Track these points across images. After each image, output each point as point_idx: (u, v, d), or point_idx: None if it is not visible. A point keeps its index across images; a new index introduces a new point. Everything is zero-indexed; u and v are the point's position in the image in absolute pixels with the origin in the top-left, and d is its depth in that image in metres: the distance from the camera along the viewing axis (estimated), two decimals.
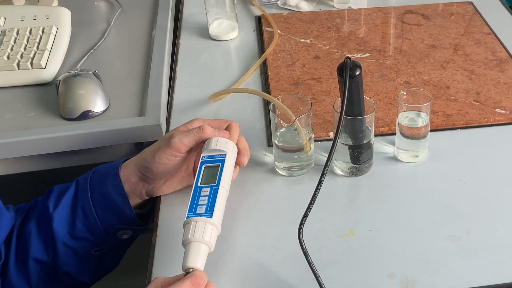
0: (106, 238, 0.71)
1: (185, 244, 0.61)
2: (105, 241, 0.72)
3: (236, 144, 0.72)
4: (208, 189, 0.65)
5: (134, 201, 0.72)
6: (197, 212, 0.63)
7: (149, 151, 0.70)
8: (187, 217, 0.62)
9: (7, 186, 1.03)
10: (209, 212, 0.63)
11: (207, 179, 0.67)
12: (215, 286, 0.59)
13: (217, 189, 0.65)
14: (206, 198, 0.64)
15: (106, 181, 0.71)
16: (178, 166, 0.71)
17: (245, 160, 0.73)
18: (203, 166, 0.68)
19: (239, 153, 0.72)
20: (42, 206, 0.71)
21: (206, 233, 0.61)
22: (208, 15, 1.07)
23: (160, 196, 0.75)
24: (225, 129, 0.73)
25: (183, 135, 0.69)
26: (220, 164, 0.68)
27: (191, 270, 0.59)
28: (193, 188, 0.66)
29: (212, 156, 0.69)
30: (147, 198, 0.73)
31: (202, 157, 0.69)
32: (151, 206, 0.75)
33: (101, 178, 0.72)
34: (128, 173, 0.71)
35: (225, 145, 0.70)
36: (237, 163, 0.72)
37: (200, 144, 0.71)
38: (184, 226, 0.62)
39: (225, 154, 0.69)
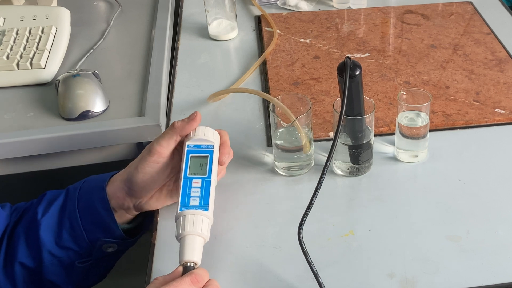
0: (91, 250, 0.70)
1: (181, 237, 0.60)
2: (91, 253, 0.71)
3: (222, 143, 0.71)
4: (200, 181, 0.64)
5: (122, 216, 0.71)
6: (191, 204, 0.62)
7: (133, 164, 0.69)
8: (181, 209, 0.62)
9: (7, 186, 1.03)
10: (204, 205, 0.62)
11: (195, 169, 0.65)
12: (218, 283, 0.59)
13: (209, 181, 0.64)
14: (199, 190, 0.63)
15: (93, 193, 0.70)
16: (163, 175, 0.69)
17: (226, 159, 0.70)
18: (190, 156, 0.67)
19: (221, 149, 0.70)
20: (33, 211, 0.71)
21: (203, 226, 0.61)
22: (207, 15, 1.07)
23: None
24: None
25: (159, 137, 0.68)
26: (209, 155, 0.67)
27: (189, 264, 0.59)
28: (182, 178, 0.64)
29: (199, 146, 0.68)
30: (137, 213, 0.72)
31: (188, 145, 0.67)
32: (139, 221, 0.74)
33: (89, 189, 0.71)
34: (114, 189, 0.69)
35: (212, 136, 0.69)
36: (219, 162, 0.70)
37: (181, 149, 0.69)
38: (177, 218, 0.62)
39: (213, 145, 0.68)
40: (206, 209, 0.62)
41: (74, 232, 0.69)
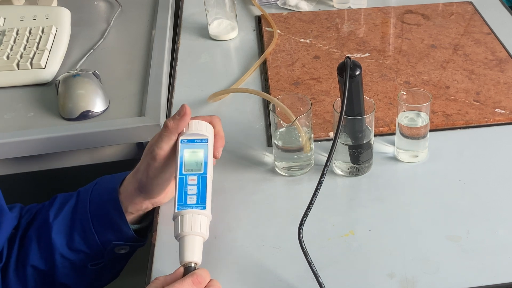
0: (103, 252, 0.70)
1: (180, 237, 0.60)
2: (103, 255, 0.71)
3: (215, 134, 0.70)
4: (195, 178, 0.63)
5: (137, 215, 0.71)
6: (188, 202, 0.61)
7: (141, 172, 0.68)
8: (178, 209, 0.61)
9: (7, 186, 1.03)
10: (201, 203, 0.61)
11: (190, 165, 0.64)
12: (219, 284, 0.59)
13: (205, 177, 0.63)
14: (195, 187, 0.62)
15: (104, 195, 0.70)
16: (173, 169, 0.68)
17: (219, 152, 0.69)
18: (184, 151, 0.65)
19: (214, 142, 0.69)
20: (44, 214, 0.71)
21: (202, 226, 0.60)
22: (207, 15, 1.07)
23: None
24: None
25: (158, 141, 0.67)
26: (204, 150, 0.65)
27: (189, 264, 0.59)
28: (177, 176, 0.63)
29: (193, 141, 0.66)
30: (152, 207, 0.73)
31: (181, 140, 0.66)
32: (150, 219, 0.74)
33: (100, 191, 0.71)
34: (130, 197, 0.69)
35: (206, 129, 0.68)
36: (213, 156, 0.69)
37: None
38: (175, 218, 0.61)
39: (207, 139, 0.67)
40: (204, 207, 0.61)
41: (86, 235, 0.69)
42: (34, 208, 0.74)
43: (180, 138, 0.66)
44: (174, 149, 0.67)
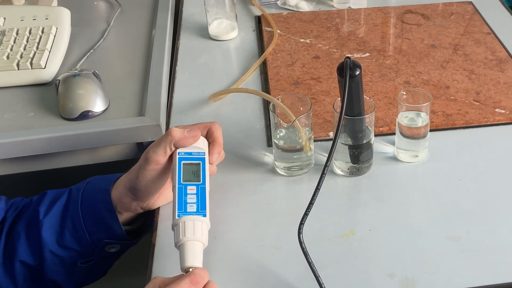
0: (94, 250, 0.70)
1: (182, 243, 0.60)
2: (93, 253, 0.71)
3: (213, 141, 0.71)
4: (194, 187, 0.64)
5: (127, 215, 0.71)
6: (188, 210, 0.62)
7: (134, 171, 0.69)
8: (179, 216, 0.61)
9: (7, 186, 1.03)
10: (201, 211, 0.62)
11: (188, 176, 0.65)
12: (216, 285, 0.59)
13: (204, 188, 0.64)
14: (195, 196, 0.63)
15: (96, 195, 0.70)
16: (165, 177, 0.69)
17: (215, 159, 0.70)
18: (182, 163, 0.67)
19: (211, 148, 0.70)
20: (34, 210, 0.71)
21: (203, 232, 0.61)
22: (207, 15, 1.07)
23: None
24: (207, 133, 0.71)
25: (155, 145, 0.67)
26: (201, 162, 0.67)
27: (191, 269, 0.58)
28: (176, 186, 0.64)
29: (190, 153, 0.68)
30: (142, 211, 0.72)
31: (179, 153, 0.67)
32: (141, 222, 0.74)
33: (93, 191, 0.71)
34: (119, 195, 0.69)
35: (203, 143, 0.69)
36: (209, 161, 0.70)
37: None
38: (175, 225, 0.61)
39: (204, 152, 0.68)
40: (204, 215, 0.62)
41: (77, 233, 0.69)
42: (20, 203, 0.73)
43: (178, 151, 0.68)
44: (169, 159, 0.68)
